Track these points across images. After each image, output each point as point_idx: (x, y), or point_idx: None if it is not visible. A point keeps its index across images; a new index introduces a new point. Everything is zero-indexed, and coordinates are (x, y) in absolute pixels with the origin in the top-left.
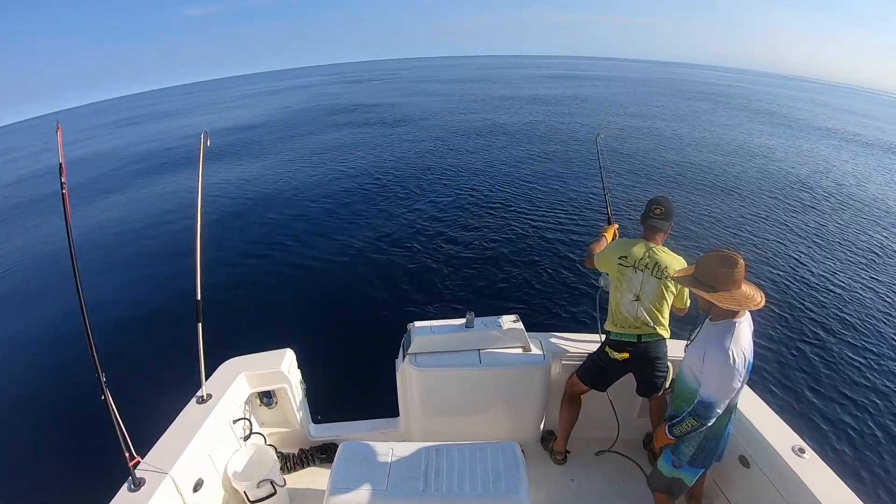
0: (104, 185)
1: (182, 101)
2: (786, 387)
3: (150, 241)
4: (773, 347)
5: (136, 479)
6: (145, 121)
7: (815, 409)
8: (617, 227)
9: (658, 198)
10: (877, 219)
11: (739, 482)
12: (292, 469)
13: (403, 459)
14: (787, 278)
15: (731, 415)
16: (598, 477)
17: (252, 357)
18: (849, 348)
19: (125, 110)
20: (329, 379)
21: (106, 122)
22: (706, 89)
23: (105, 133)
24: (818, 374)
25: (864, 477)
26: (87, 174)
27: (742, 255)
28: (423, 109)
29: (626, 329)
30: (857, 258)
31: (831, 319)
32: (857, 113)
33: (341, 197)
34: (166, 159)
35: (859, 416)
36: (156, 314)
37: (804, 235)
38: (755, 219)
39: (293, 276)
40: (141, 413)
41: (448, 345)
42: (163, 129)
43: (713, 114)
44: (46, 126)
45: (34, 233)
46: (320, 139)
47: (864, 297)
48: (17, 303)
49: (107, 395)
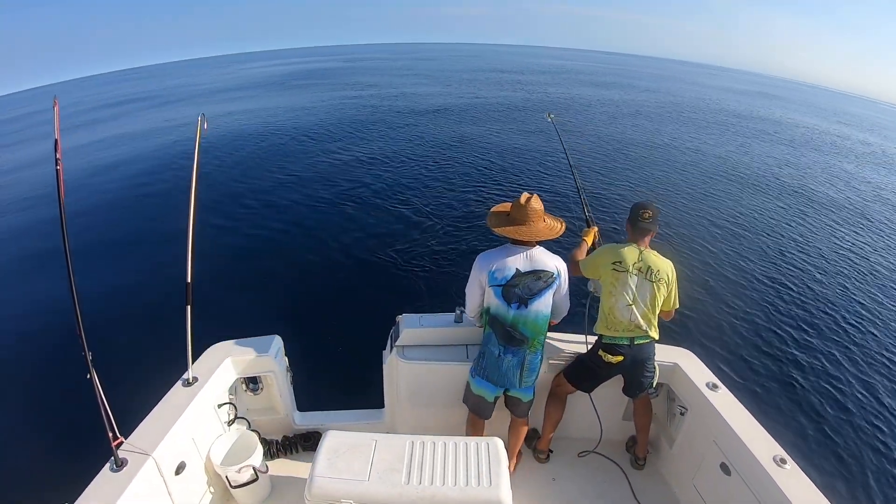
0: (97, 159)
1: (175, 80)
2: (768, 396)
3: (143, 222)
4: (757, 356)
5: (118, 460)
6: (139, 98)
7: (797, 419)
8: (597, 229)
9: (644, 202)
10: (859, 226)
11: (720, 489)
12: (275, 456)
13: (387, 451)
14: (771, 282)
15: (491, 327)
16: (580, 477)
17: (239, 342)
18: (832, 359)
19: (116, 87)
20: (316, 367)
21: (98, 98)
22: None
23: (97, 111)
24: (801, 385)
25: (844, 490)
26: (81, 151)
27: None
28: (423, 97)
29: (620, 333)
30: (844, 264)
31: (815, 328)
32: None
33: (335, 185)
34: (164, 138)
35: (842, 428)
36: (145, 295)
37: (785, 237)
38: (733, 218)
39: (284, 263)
40: (126, 393)
41: (436, 339)
42: (158, 107)
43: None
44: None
45: (26, 206)
46: (314, 125)
47: (851, 306)
48: (5, 275)
49: (92, 374)
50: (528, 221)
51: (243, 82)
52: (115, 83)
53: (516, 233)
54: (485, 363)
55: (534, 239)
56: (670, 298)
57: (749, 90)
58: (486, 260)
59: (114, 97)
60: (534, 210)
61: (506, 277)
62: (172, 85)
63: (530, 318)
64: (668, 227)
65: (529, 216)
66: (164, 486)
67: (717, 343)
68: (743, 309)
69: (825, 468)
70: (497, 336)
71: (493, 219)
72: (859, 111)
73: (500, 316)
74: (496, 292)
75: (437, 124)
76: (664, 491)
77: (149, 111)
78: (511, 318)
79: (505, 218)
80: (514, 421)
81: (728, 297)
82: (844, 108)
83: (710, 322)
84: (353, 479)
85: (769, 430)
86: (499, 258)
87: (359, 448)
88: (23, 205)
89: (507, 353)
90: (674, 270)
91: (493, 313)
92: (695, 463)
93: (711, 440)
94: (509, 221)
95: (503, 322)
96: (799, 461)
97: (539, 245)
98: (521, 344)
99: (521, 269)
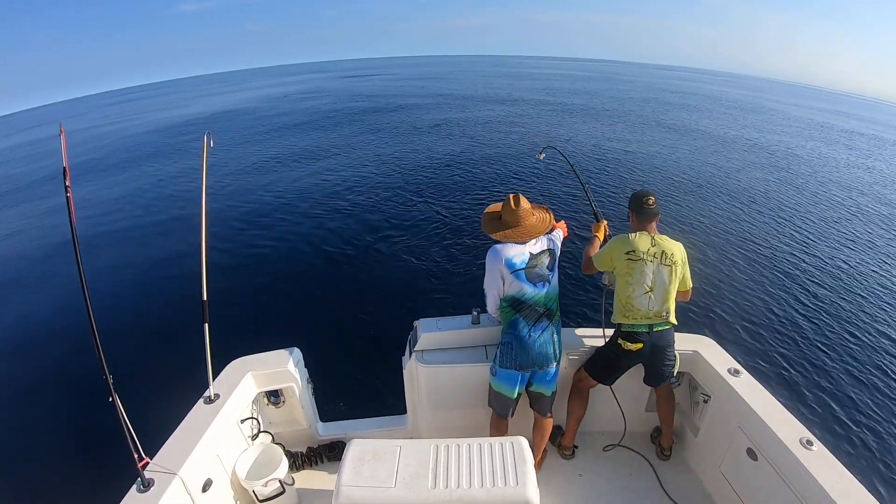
0: (106, 182)
1: (177, 97)
2: (794, 379)
3: (155, 242)
4: (781, 340)
5: (145, 480)
6: (141, 115)
7: (823, 401)
8: (606, 223)
9: (644, 190)
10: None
11: (747, 475)
12: (301, 468)
13: (411, 456)
14: (794, 269)
15: (518, 313)
16: (607, 471)
17: (259, 356)
18: (859, 341)
19: (116, 104)
20: (336, 377)
21: (99, 117)
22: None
23: (101, 129)
24: (827, 366)
25: (874, 470)
26: (89, 174)
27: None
28: (438, 105)
29: (639, 320)
30: (868, 247)
31: (841, 311)
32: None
33: (348, 195)
34: (169, 156)
35: (868, 409)
36: (162, 315)
37: (801, 218)
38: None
39: (299, 275)
40: (149, 414)
41: (455, 341)
42: (162, 124)
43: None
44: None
45: (38, 229)
46: (326, 136)
47: (875, 285)
48: (22, 304)
49: (114, 397)
50: (522, 221)
51: (241, 95)
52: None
53: (515, 235)
54: (513, 352)
55: (532, 237)
56: (684, 280)
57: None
58: (500, 252)
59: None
60: (524, 210)
61: (524, 262)
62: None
63: (553, 293)
64: (682, 212)
65: (521, 217)
66: (192, 503)
67: (737, 328)
68: (760, 293)
69: (852, 448)
70: (525, 318)
71: (489, 225)
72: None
73: (529, 298)
74: (519, 277)
75: (446, 133)
76: (691, 480)
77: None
78: (542, 298)
79: (499, 222)
80: (539, 419)
81: (745, 281)
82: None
83: (728, 308)
84: (379, 487)
85: (794, 412)
86: (510, 247)
87: (383, 455)
88: (37, 231)
89: (536, 329)
90: (684, 251)
91: (521, 298)
92: (721, 450)
93: (736, 426)
94: (505, 226)
95: (533, 303)
96: (826, 442)
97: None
98: (550, 317)
99: (533, 251)
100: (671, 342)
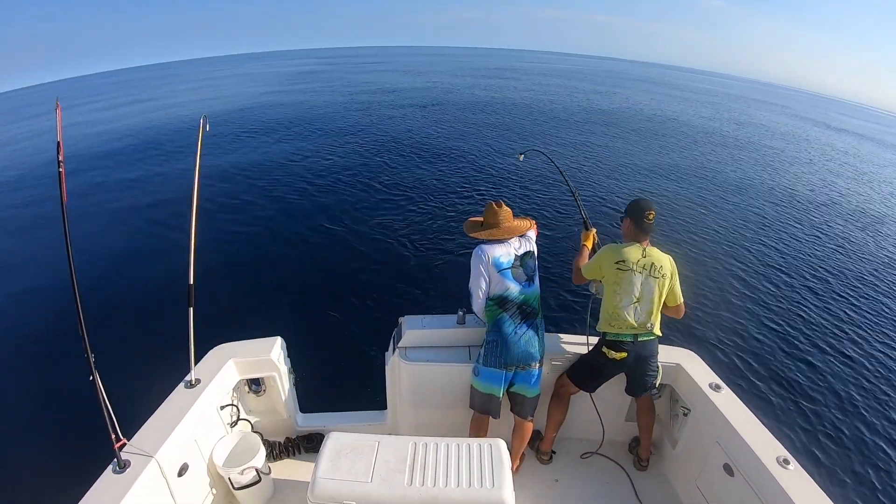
0: (99, 163)
1: (169, 81)
2: (775, 398)
3: (145, 224)
4: (764, 357)
5: (121, 461)
6: (134, 100)
7: (803, 421)
8: (595, 231)
9: (647, 202)
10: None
11: (722, 490)
12: (278, 457)
13: (389, 452)
14: (772, 284)
15: (504, 311)
16: (583, 478)
17: (242, 343)
18: (836, 359)
19: (107, 87)
20: (318, 369)
21: (94, 100)
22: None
23: (96, 111)
24: (809, 387)
25: (849, 492)
26: (80, 154)
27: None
28: (439, 94)
29: (624, 330)
30: (848, 266)
31: (820, 329)
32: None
33: (338, 186)
34: (164, 140)
35: (845, 428)
36: (147, 296)
37: (785, 238)
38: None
39: (286, 264)
40: (129, 395)
41: (439, 340)
42: (154, 109)
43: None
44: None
45: (28, 207)
46: (317, 125)
47: (855, 306)
48: (6, 276)
49: (95, 376)
50: (502, 223)
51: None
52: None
53: (498, 233)
54: (497, 350)
55: (511, 235)
56: (674, 293)
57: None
58: (486, 250)
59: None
60: (505, 212)
61: (510, 261)
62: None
63: (536, 291)
64: (670, 227)
65: (501, 219)
66: (167, 487)
67: (720, 344)
68: (745, 310)
69: (829, 468)
70: (511, 316)
71: (471, 227)
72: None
73: (514, 296)
74: (506, 275)
75: (434, 127)
76: (667, 492)
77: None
78: (526, 296)
79: (481, 225)
80: (519, 422)
81: (731, 297)
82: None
83: (712, 323)
84: (355, 481)
85: (773, 431)
86: (496, 247)
87: (361, 449)
88: (25, 202)
89: (522, 327)
90: (674, 264)
91: (507, 296)
92: (698, 464)
93: (714, 441)
94: (486, 227)
95: (518, 301)
96: (802, 462)
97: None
98: (534, 316)
99: (518, 252)
100: (655, 353)
